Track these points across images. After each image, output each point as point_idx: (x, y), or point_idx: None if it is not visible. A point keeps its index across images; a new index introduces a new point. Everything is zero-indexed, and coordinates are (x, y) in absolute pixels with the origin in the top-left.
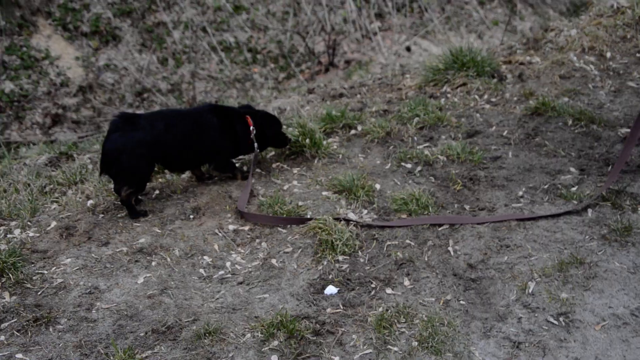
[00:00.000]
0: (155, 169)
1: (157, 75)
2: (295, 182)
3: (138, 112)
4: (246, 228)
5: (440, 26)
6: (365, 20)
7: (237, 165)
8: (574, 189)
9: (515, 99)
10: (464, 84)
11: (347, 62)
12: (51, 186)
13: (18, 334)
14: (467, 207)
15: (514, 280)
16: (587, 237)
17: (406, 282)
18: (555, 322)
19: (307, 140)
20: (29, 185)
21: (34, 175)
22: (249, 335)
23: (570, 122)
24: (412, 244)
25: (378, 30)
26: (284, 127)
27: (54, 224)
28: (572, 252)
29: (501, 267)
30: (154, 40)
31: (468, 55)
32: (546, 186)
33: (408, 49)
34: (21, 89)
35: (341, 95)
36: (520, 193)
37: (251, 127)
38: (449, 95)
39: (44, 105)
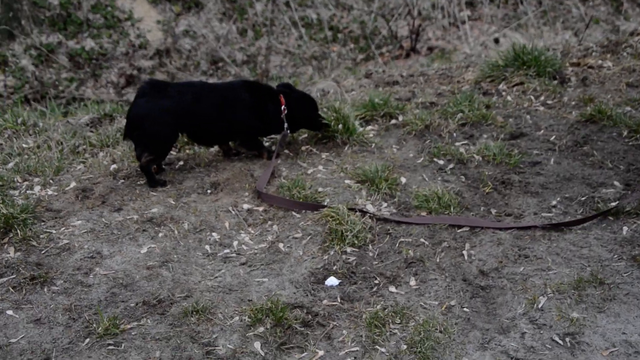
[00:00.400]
0: (185, 140)
1: (234, 45)
2: (320, 167)
3: (210, 80)
4: (260, 209)
5: (535, 20)
6: (454, 8)
7: (266, 144)
8: (613, 204)
9: (573, 103)
10: (522, 83)
11: (430, 49)
12: (84, 146)
13: (13, 290)
14: (493, 211)
15: (525, 292)
16: (615, 256)
17: (412, 282)
18: (561, 342)
19: (340, 126)
20: (61, 143)
21: (71, 134)
22: (237, 318)
23: (625, 133)
24: (426, 243)
25: (467, 19)
26: (324, 110)
27: (73, 184)
28: (594, 270)
29: (514, 278)
30: (235, 10)
31: (531, 54)
32: (583, 198)
33: (496, 40)
34: (101, 48)
35: (396, 83)
36: (554, 202)
37: (282, 107)
38: (503, 93)
39: (120, 65)
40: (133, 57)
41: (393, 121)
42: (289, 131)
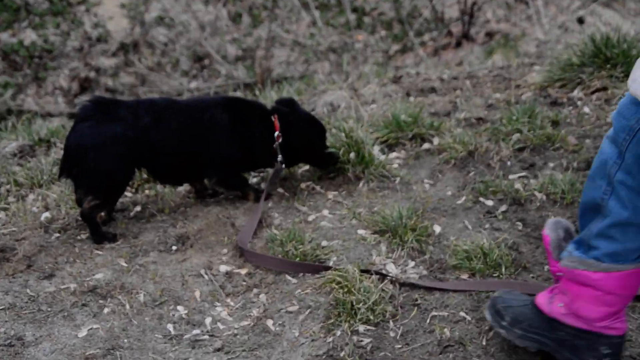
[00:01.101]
0: (145, 176)
1: (224, 35)
2: (325, 212)
3: (192, 84)
4: (243, 272)
5: None
6: None
7: (254, 180)
8: None
9: None
10: (604, 89)
11: (489, 34)
12: (7, 187)
13: None
14: None
15: None
16: None
17: None
18: None
19: (352, 155)
20: None
21: None
22: None
23: None
24: (469, 318)
25: None
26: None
27: None
28: None
29: None
30: None
31: (617, 47)
32: None
33: (580, 20)
34: (45, 41)
35: (432, 90)
36: None
37: (276, 133)
38: (578, 102)
39: (72, 65)
40: (89, 53)
41: (425, 145)
42: (283, 165)
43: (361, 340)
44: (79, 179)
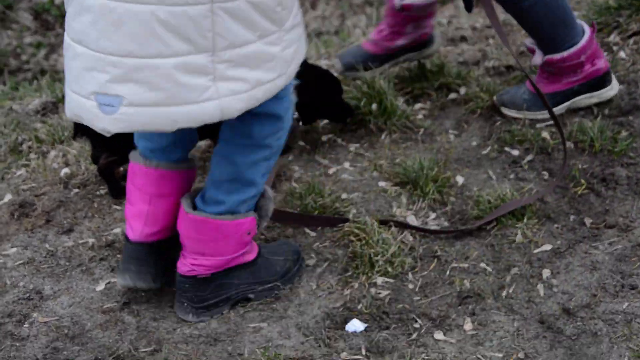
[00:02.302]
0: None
1: None
2: (346, 165)
3: None
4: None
5: None
6: None
7: None
8: None
9: None
10: None
11: None
12: (29, 143)
13: None
14: (587, 221)
15: (628, 340)
16: None
17: (467, 326)
18: None
19: (374, 106)
20: None
21: (12, 125)
22: None
23: None
24: (489, 269)
25: None
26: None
27: (8, 197)
28: None
29: (614, 319)
30: None
31: None
32: None
33: None
34: None
35: (462, 38)
36: None
37: None
38: (614, 47)
39: None
40: None
41: (452, 95)
42: (301, 122)
43: (379, 293)
44: (95, 136)
